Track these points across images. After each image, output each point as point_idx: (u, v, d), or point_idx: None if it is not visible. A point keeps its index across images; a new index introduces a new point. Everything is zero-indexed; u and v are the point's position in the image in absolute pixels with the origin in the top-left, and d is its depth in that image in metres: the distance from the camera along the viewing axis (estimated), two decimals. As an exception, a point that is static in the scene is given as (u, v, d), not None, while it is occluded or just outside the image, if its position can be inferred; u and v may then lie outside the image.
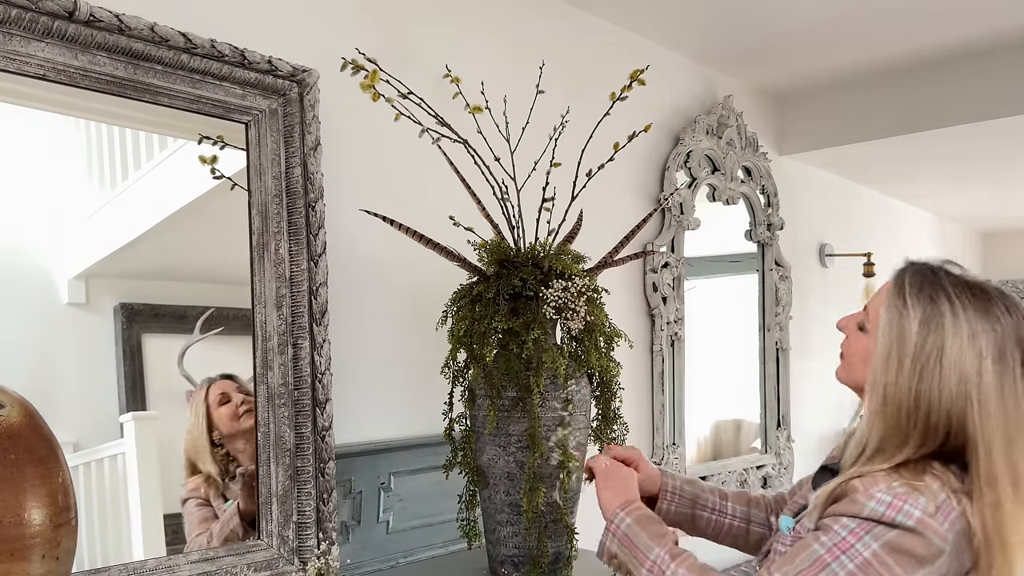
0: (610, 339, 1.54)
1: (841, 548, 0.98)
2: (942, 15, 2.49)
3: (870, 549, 0.97)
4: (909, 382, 1.02)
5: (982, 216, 5.07)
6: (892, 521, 0.97)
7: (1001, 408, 1.00)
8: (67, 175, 1.34)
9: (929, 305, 1.04)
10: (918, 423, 1.02)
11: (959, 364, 1.01)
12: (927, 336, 1.02)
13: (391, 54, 1.79)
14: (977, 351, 1.01)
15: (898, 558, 0.96)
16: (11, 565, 0.90)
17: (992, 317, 1.03)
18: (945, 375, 1.01)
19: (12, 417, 0.94)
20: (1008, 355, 1.02)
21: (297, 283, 1.51)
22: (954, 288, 1.05)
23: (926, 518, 0.96)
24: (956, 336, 1.02)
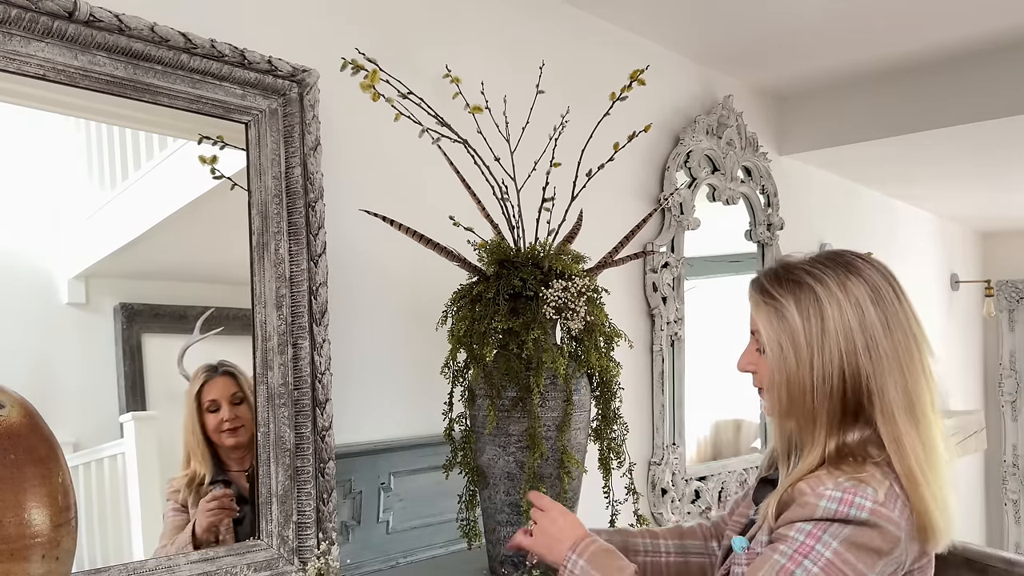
0: (610, 339, 1.54)
1: (802, 553, 0.98)
2: (942, 15, 2.49)
3: (831, 548, 0.97)
4: (808, 363, 1.05)
5: (982, 216, 5.07)
6: (846, 517, 0.98)
7: (890, 341, 1.04)
8: (67, 175, 1.34)
9: (795, 288, 1.07)
10: (817, 395, 1.04)
11: (843, 322, 1.04)
12: (808, 314, 1.05)
13: (391, 54, 1.79)
14: (854, 302, 1.05)
15: (859, 554, 0.97)
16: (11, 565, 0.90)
17: (854, 268, 1.07)
18: (832, 338, 1.04)
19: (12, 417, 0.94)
20: (883, 292, 1.06)
21: (297, 283, 1.51)
22: (808, 265, 1.09)
23: (878, 507, 0.98)
24: (831, 300, 1.05)
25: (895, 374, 1.03)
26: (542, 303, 1.44)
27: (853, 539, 0.97)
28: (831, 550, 0.97)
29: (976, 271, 5.55)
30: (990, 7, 2.43)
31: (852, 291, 1.05)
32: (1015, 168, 3.67)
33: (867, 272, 1.08)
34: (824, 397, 1.04)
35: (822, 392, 1.04)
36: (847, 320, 1.04)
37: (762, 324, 1.10)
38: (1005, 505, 5.61)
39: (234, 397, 1.49)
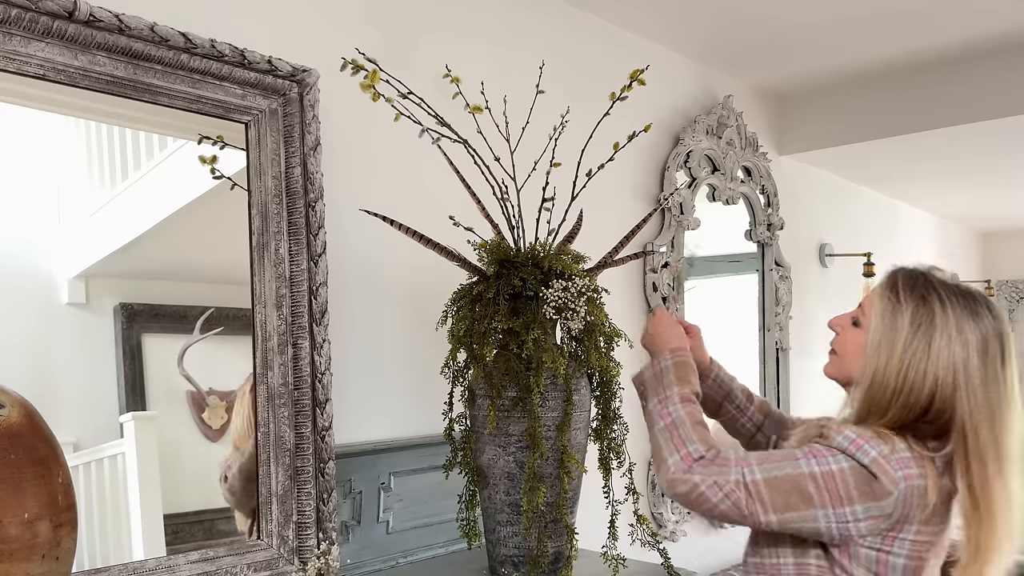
0: (610, 339, 1.54)
1: (814, 454, 1.14)
2: (942, 15, 2.49)
3: (837, 465, 1.12)
4: (899, 366, 1.15)
5: (982, 216, 5.07)
6: (852, 454, 1.12)
7: (985, 393, 1.13)
8: (67, 175, 1.34)
9: (920, 302, 1.16)
10: (900, 399, 1.15)
11: (947, 352, 1.13)
12: (918, 328, 1.15)
13: (391, 54, 1.79)
14: (964, 342, 1.14)
15: (855, 481, 1.11)
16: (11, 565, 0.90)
17: (978, 316, 1.16)
18: (932, 362, 1.14)
19: (12, 417, 0.94)
20: (991, 349, 1.15)
21: (297, 283, 1.51)
22: (943, 289, 1.18)
23: (880, 459, 1.10)
24: (944, 329, 1.14)
25: (987, 424, 1.13)
26: (542, 303, 1.44)
27: (855, 470, 1.11)
28: (837, 466, 1.12)
29: (976, 271, 5.55)
30: (990, 7, 2.43)
31: (966, 334, 1.14)
32: (1015, 168, 3.67)
33: (986, 324, 1.16)
34: (902, 405, 1.14)
35: (903, 400, 1.14)
36: (953, 355, 1.13)
37: (875, 313, 1.19)
38: (1005, 505, 5.61)
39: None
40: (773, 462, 1.15)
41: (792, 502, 1.12)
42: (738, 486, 1.14)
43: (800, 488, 1.12)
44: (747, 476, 1.14)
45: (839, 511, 1.11)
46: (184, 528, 1.43)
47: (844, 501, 1.11)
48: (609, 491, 1.53)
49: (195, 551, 1.38)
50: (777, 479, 1.13)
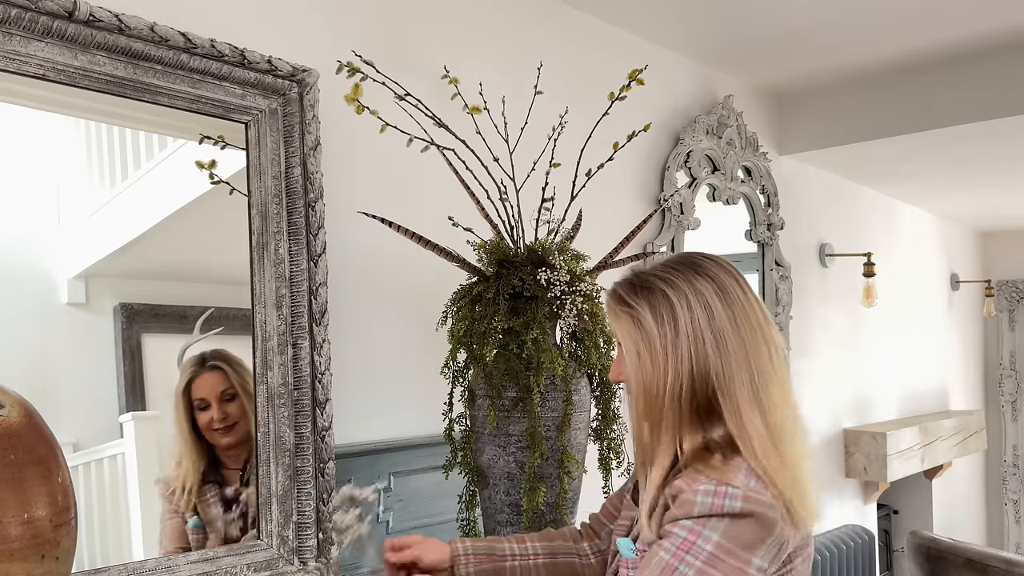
0: (610, 339, 1.54)
1: (684, 549, 1.01)
2: (942, 15, 2.49)
3: (711, 543, 1.00)
4: (663, 367, 1.06)
5: (982, 216, 5.07)
6: (721, 510, 1.00)
7: (737, 337, 1.06)
8: (67, 175, 1.34)
9: (648, 294, 1.09)
10: (669, 398, 1.06)
11: (693, 322, 1.06)
12: (662, 319, 1.07)
13: (390, 55, 1.80)
14: (703, 301, 1.07)
15: (740, 542, 1.00)
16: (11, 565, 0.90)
17: (701, 268, 1.10)
18: (684, 340, 1.06)
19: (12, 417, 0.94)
20: (730, 289, 1.08)
21: (297, 283, 1.51)
22: (657, 270, 1.11)
23: (750, 494, 1.00)
24: (681, 302, 1.07)
25: (742, 369, 1.05)
26: (542, 303, 1.44)
27: (732, 531, 1.00)
28: (712, 544, 1.00)
29: (976, 271, 5.55)
30: (990, 7, 2.43)
31: (700, 290, 1.08)
32: (1015, 168, 3.67)
33: (713, 270, 1.10)
34: (675, 399, 1.06)
35: (673, 394, 1.06)
36: (697, 320, 1.06)
37: (621, 333, 1.12)
38: (1005, 505, 5.61)
39: (224, 394, 1.45)
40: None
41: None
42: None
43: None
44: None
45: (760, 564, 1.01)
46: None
47: (747, 566, 1.00)
48: (609, 491, 1.53)
49: (195, 551, 1.38)
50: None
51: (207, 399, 1.43)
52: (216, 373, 1.45)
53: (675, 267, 1.11)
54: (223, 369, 1.46)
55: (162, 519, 1.40)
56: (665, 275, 1.10)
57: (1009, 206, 4.69)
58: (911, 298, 4.50)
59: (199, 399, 1.43)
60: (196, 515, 1.42)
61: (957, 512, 5.05)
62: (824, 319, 3.61)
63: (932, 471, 4.46)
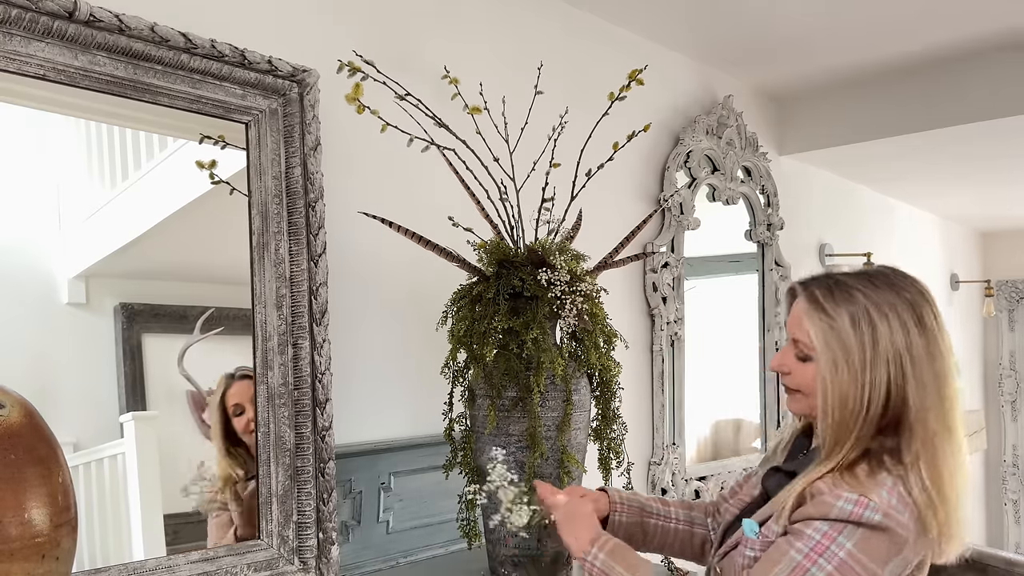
0: (610, 339, 1.54)
1: (817, 552, 1.03)
2: (941, 16, 2.49)
3: (844, 549, 1.03)
4: (860, 378, 1.08)
5: (982, 216, 5.07)
6: (860, 519, 1.03)
7: (931, 369, 1.08)
8: (67, 175, 1.34)
9: (848, 304, 1.11)
10: (861, 411, 1.08)
11: (893, 343, 1.08)
12: (861, 330, 1.09)
13: (390, 55, 1.80)
14: (902, 324, 1.08)
15: (872, 554, 1.02)
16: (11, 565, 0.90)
17: (899, 288, 1.12)
18: (882, 360, 1.07)
19: (12, 417, 0.94)
20: (926, 316, 1.10)
21: (297, 283, 1.51)
22: (856, 281, 1.13)
23: (890, 511, 1.03)
24: (882, 319, 1.09)
25: (936, 402, 1.07)
26: (542, 303, 1.44)
27: (865, 541, 1.02)
28: (845, 551, 1.02)
29: (976, 271, 5.55)
30: (990, 7, 2.43)
31: (902, 315, 1.09)
32: (1015, 168, 3.67)
33: (912, 294, 1.11)
34: (865, 412, 1.08)
35: (865, 408, 1.08)
36: (896, 343, 1.08)
37: (816, 339, 1.12)
38: (1005, 505, 5.61)
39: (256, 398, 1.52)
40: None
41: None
42: None
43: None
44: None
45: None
46: (184, 528, 1.43)
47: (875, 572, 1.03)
48: (609, 491, 1.53)
49: (195, 551, 1.39)
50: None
51: (242, 404, 1.50)
52: (246, 381, 1.51)
53: (877, 282, 1.13)
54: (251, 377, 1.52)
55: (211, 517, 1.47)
56: (867, 289, 1.12)
57: (1009, 206, 4.69)
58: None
59: (235, 404, 1.50)
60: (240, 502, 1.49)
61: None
62: (824, 319, 3.60)
63: (932, 471, 4.46)
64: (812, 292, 1.14)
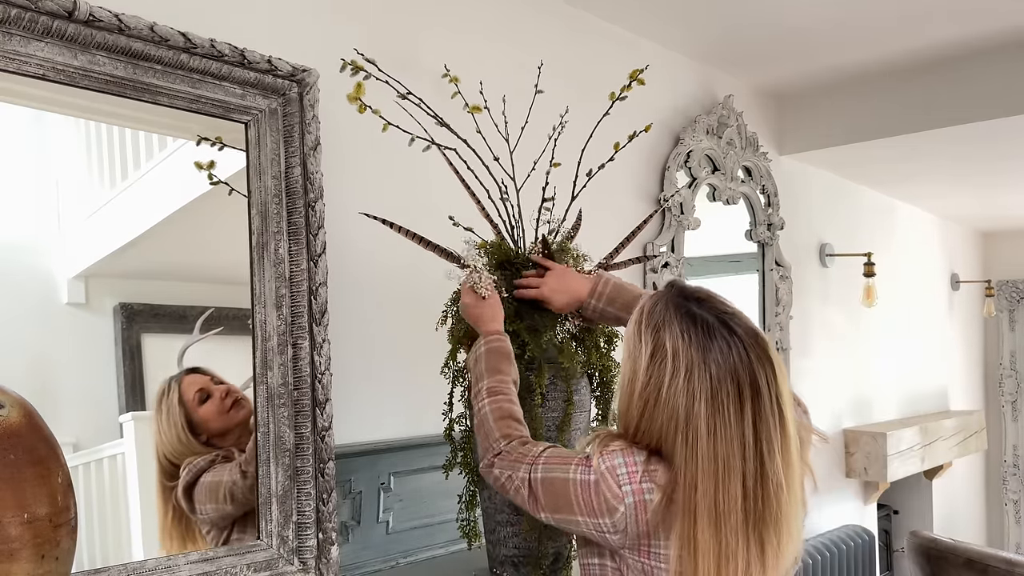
0: (610, 339, 1.54)
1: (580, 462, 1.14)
2: (942, 15, 2.49)
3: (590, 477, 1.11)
4: (636, 413, 1.11)
5: (982, 216, 5.07)
6: (590, 469, 1.11)
7: (711, 451, 1.04)
8: (67, 175, 1.34)
9: (655, 342, 1.09)
10: (637, 435, 1.11)
11: (674, 402, 1.06)
12: (652, 373, 1.08)
13: (390, 54, 1.79)
14: (691, 391, 1.05)
15: (596, 496, 1.10)
16: (11, 565, 0.90)
17: (708, 354, 1.06)
18: (660, 411, 1.07)
19: (12, 417, 0.94)
20: (721, 396, 1.04)
21: (297, 283, 1.51)
22: (680, 322, 1.09)
23: (606, 474, 1.09)
24: (674, 375, 1.06)
25: (707, 479, 1.04)
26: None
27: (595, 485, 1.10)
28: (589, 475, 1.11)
29: (976, 271, 5.55)
30: (990, 7, 2.43)
31: (693, 382, 1.05)
32: (1015, 168, 3.67)
33: (721, 365, 1.05)
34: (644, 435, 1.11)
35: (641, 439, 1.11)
36: (677, 407, 1.06)
37: (625, 350, 1.16)
38: (1005, 505, 5.61)
39: (213, 380, 1.48)
40: (555, 463, 1.16)
41: (560, 504, 1.14)
42: (523, 483, 1.18)
43: (565, 492, 1.13)
44: (531, 474, 1.17)
45: (592, 520, 1.11)
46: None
47: (595, 513, 1.10)
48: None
49: (195, 551, 1.38)
50: (552, 481, 1.15)
51: (205, 388, 1.45)
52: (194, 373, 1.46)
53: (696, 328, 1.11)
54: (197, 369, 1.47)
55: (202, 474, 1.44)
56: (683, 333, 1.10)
57: (1009, 206, 4.69)
58: (911, 298, 4.49)
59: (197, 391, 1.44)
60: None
61: (957, 512, 5.05)
62: (824, 319, 3.60)
63: (932, 471, 4.46)
64: (644, 305, 1.15)
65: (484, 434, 1.28)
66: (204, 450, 1.44)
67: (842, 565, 3.30)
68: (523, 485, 1.18)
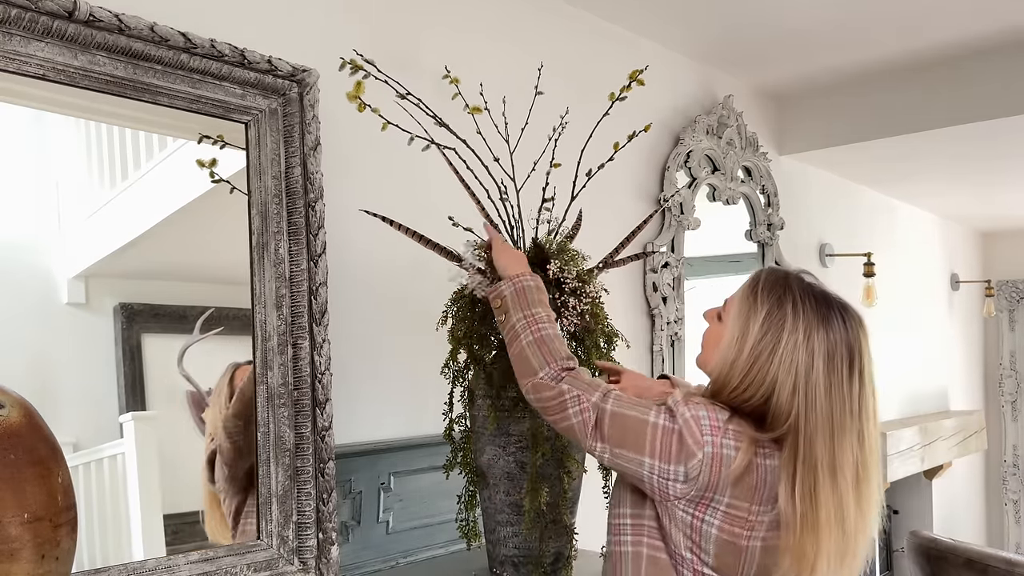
0: (610, 339, 1.54)
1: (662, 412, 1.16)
2: (942, 15, 2.49)
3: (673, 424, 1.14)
4: (744, 366, 1.15)
5: (982, 216, 5.07)
6: (671, 409, 1.15)
7: (828, 403, 1.13)
8: (67, 175, 1.34)
9: (775, 304, 1.16)
10: (740, 393, 1.16)
11: (791, 358, 1.13)
12: (768, 330, 1.15)
13: (390, 54, 1.80)
14: (810, 350, 1.13)
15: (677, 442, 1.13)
16: (11, 565, 0.90)
17: (828, 323, 1.15)
18: (774, 365, 1.14)
19: (12, 417, 0.94)
20: (837, 359, 1.14)
21: (297, 283, 1.51)
22: (800, 292, 1.17)
23: (691, 421, 1.12)
24: (792, 334, 1.14)
25: (825, 433, 1.12)
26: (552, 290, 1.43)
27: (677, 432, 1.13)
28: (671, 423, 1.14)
29: (976, 271, 5.55)
30: (990, 7, 2.43)
31: (813, 340, 1.14)
32: (1015, 168, 3.67)
33: (837, 332, 1.15)
34: (740, 398, 1.16)
35: (741, 394, 1.16)
36: (796, 361, 1.13)
37: (733, 312, 1.20)
38: (1005, 505, 5.61)
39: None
40: (630, 402, 1.19)
41: (628, 441, 1.16)
42: (593, 408, 1.19)
43: (639, 432, 1.15)
44: (603, 403, 1.19)
45: (662, 466, 1.13)
46: (184, 528, 1.43)
47: (670, 458, 1.13)
48: (609, 491, 1.53)
49: (195, 551, 1.38)
50: (626, 416, 1.17)
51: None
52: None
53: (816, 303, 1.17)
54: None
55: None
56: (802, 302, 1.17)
57: (1009, 206, 4.69)
58: (911, 298, 4.49)
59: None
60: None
61: (957, 512, 5.05)
62: (824, 319, 3.60)
63: (932, 471, 4.46)
64: (759, 275, 1.22)
65: (549, 353, 1.26)
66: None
67: (842, 565, 3.29)
68: (591, 410, 1.19)
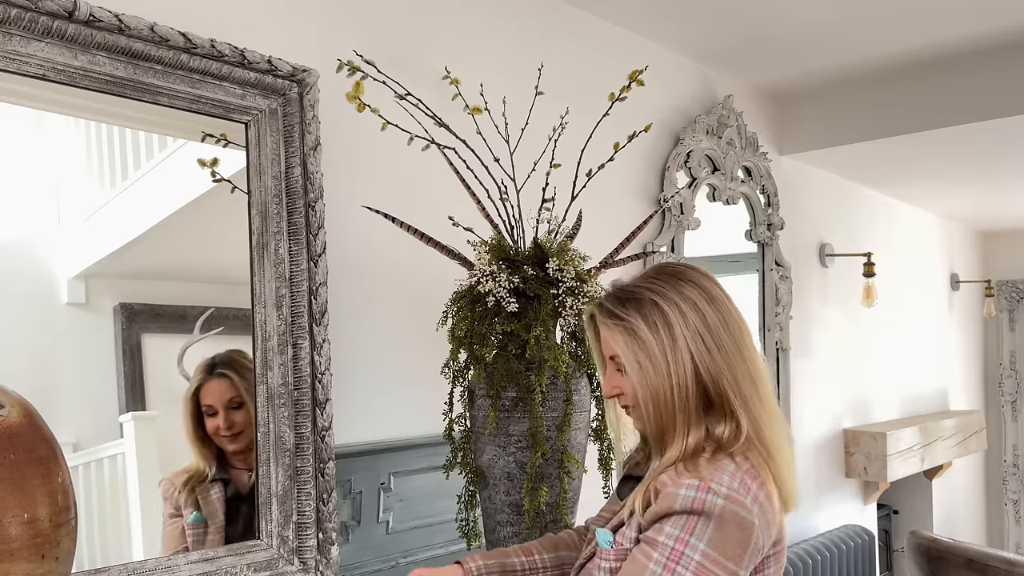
0: (610, 339, 1.53)
1: (674, 559, 1.03)
2: (942, 15, 2.49)
3: (699, 551, 1.02)
4: (666, 373, 1.10)
5: (982, 216, 5.07)
6: (703, 507, 1.03)
7: (730, 335, 1.12)
8: (67, 175, 1.34)
9: (638, 307, 1.13)
10: (677, 401, 1.10)
11: (688, 326, 1.11)
12: (656, 327, 1.11)
13: (390, 55, 1.80)
14: (692, 304, 1.12)
15: (725, 549, 1.02)
16: (11, 565, 0.90)
17: (684, 276, 1.15)
18: (682, 344, 1.10)
19: (12, 417, 0.94)
20: (713, 292, 1.14)
21: (297, 283, 1.51)
22: (641, 282, 1.16)
23: (732, 494, 1.03)
24: (672, 308, 1.12)
25: (741, 364, 1.12)
26: (545, 302, 1.44)
27: (717, 535, 1.03)
28: (699, 552, 1.02)
29: (976, 271, 5.55)
30: (990, 7, 2.43)
31: (688, 296, 1.12)
32: (1015, 168, 3.67)
33: (696, 276, 1.15)
34: (682, 401, 1.11)
35: (680, 396, 1.10)
36: (692, 323, 1.11)
37: (618, 346, 1.14)
38: (1005, 505, 5.61)
39: (231, 402, 1.47)
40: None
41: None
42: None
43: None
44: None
45: (756, 559, 1.06)
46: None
47: (754, 553, 1.05)
48: (609, 491, 1.53)
49: (195, 551, 1.38)
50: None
51: (214, 406, 1.45)
52: (223, 381, 1.47)
53: (658, 277, 1.16)
54: (230, 377, 1.48)
55: (165, 522, 1.41)
56: (651, 285, 1.15)
57: (1009, 206, 4.69)
58: (911, 298, 4.49)
59: (207, 405, 1.45)
60: (197, 510, 1.43)
61: (957, 512, 5.05)
62: (824, 319, 3.60)
63: (932, 471, 4.46)
64: (603, 307, 1.17)
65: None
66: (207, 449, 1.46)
67: (842, 565, 3.30)
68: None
